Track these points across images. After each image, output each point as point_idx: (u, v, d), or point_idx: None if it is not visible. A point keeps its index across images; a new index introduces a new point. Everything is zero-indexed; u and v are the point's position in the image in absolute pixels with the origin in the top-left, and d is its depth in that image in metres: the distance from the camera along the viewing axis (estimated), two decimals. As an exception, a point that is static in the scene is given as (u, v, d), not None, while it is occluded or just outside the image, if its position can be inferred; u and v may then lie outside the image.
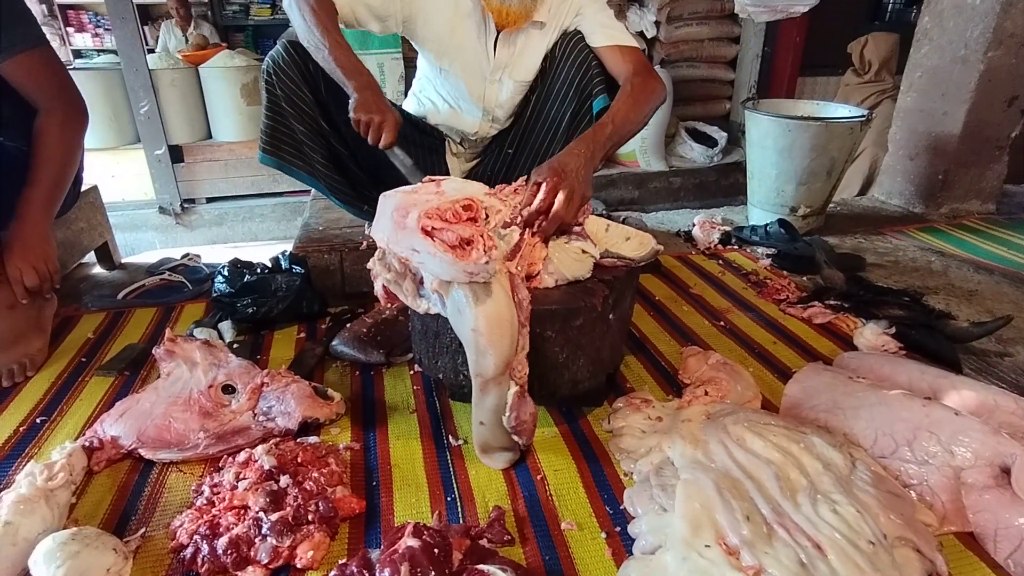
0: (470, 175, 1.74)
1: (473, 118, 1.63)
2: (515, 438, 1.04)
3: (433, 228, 0.94)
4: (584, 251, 1.12)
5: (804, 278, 1.86)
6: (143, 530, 0.93)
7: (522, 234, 1.07)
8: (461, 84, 1.57)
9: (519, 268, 1.04)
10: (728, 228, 2.21)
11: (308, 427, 1.16)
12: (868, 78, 3.57)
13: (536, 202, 1.10)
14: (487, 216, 0.93)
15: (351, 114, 1.30)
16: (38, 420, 1.19)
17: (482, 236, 0.94)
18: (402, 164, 1.34)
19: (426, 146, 1.68)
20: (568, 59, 1.48)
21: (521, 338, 0.98)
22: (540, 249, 1.10)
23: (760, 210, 2.33)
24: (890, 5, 5.24)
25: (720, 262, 1.99)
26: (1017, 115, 2.36)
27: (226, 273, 1.60)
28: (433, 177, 1.12)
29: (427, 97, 1.67)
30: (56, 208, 1.44)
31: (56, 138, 1.39)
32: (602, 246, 1.17)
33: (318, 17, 1.33)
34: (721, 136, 3.89)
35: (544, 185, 1.11)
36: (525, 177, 1.19)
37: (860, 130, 2.12)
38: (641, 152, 3.71)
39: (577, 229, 1.15)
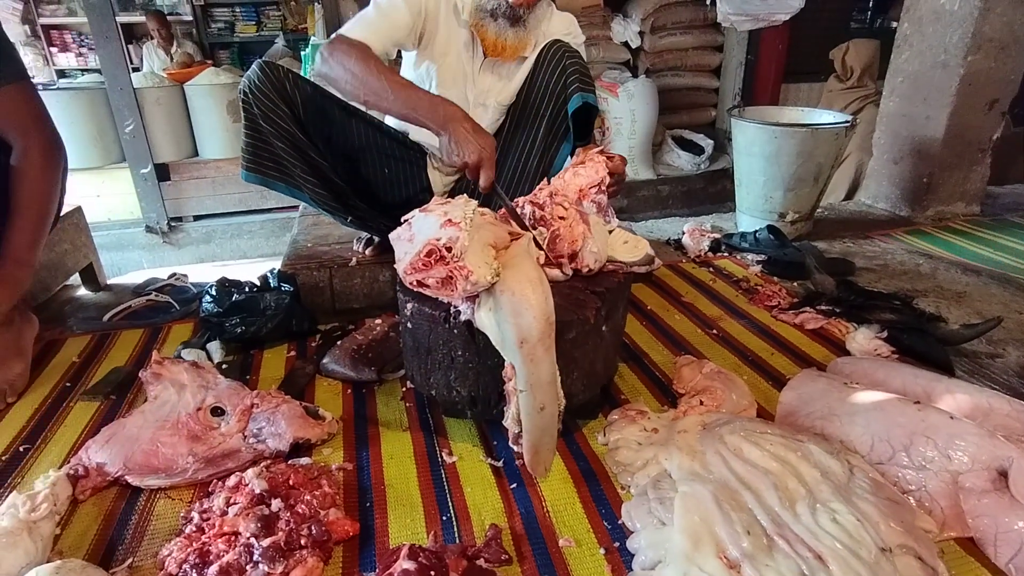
0: (454, 190, 1.74)
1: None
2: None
3: (418, 281, 0.99)
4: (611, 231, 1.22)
5: (795, 284, 1.87)
6: (130, 560, 0.91)
7: (553, 223, 1.12)
8: None
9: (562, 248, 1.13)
10: (718, 235, 2.22)
11: (300, 448, 1.14)
12: (851, 84, 3.62)
13: (624, 167, 1.33)
14: (450, 249, 0.94)
15: (445, 159, 1.29)
16: (20, 448, 1.16)
17: (453, 270, 0.95)
18: (504, 203, 1.26)
19: (407, 159, 1.67)
20: (546, 70, 1.49)
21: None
22: (579, 225, 1.13)
23: (749, 217, 2.34)
24: (869, 12, 5.33)
25: (711, 270, 1.99)
26: (998, 118, 2.39)
27: (214, 292, 1.58)
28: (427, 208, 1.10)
29: None
30: (42, 245, 1.43)
31: (38, 178, 1.38)
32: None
33: (364, 64, 1.30)
34: (707, 143, 3.92)
35: (617, 158, 1.32)
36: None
37: (845, 135, 2.13)
38: (629, 160, 3.73)
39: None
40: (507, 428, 1.04)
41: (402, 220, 1.07)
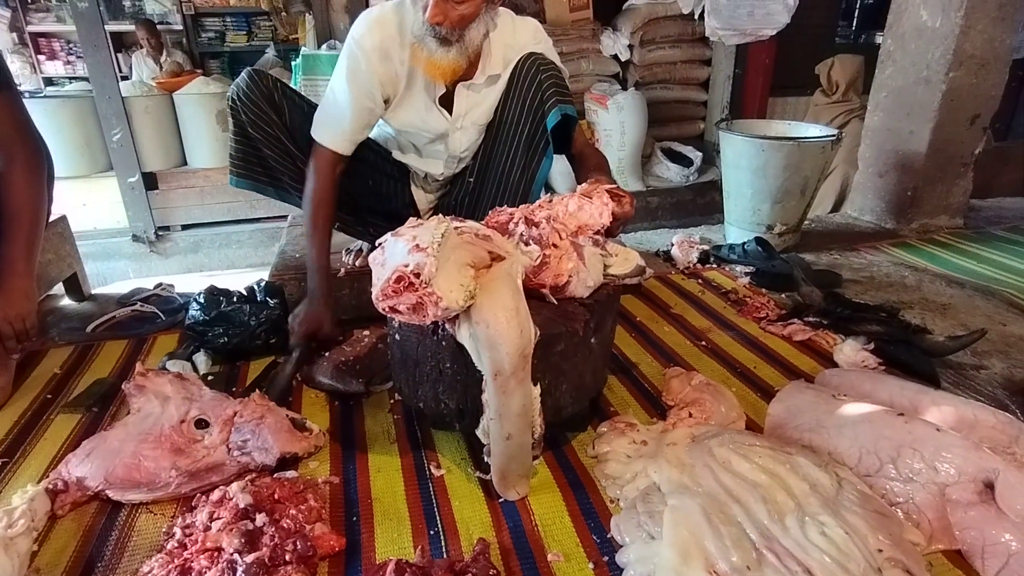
0: (437, 206, 1.74)
1: (437, 160, 1.62)
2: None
3: (390, 307, 0.97)
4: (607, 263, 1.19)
5: (783, 295, 1.88)
6: (109, 578, 0.89)
7: (546, 249, 1.10)
8: (421, 137, 1.57)
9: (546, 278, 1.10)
10: (706, 247, 2.23)
11: (286, 461, 1.12)
12: (836, 98, 3.67)
13: (628, 208, 1.26)
14: (418, 275, 0.93)
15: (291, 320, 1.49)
16: (-1, 462, 1.14)
17: (423, 297, 0.93)
18: (283, 369, 1.42)
19: (391, 175, 1.67)
20: (521, 85, 1.47)
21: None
22: (567, 261, 1.11)
23: (737, 228, 2.35)
24: (854, 28, 5.43)
25: (699, 281, 2.00)
26: (980, 132, 2.43)
27: (201, 300, 1.56)
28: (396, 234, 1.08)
29: (390, 136, 1.64)
30: (36, 256, 1.43)
31: (24, 188, 1.37)
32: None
33: (309, 205, 1.47)
34: (696, 156, 3.95)
35: (626, 199, 1.26)
36: (548, 197, 1.27)
37: (831, 149, 2.16)
38: (618, 172, 3.75)
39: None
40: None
41: (376, 244, 1.06)
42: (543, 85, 1.43)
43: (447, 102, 1.50)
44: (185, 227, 4.02)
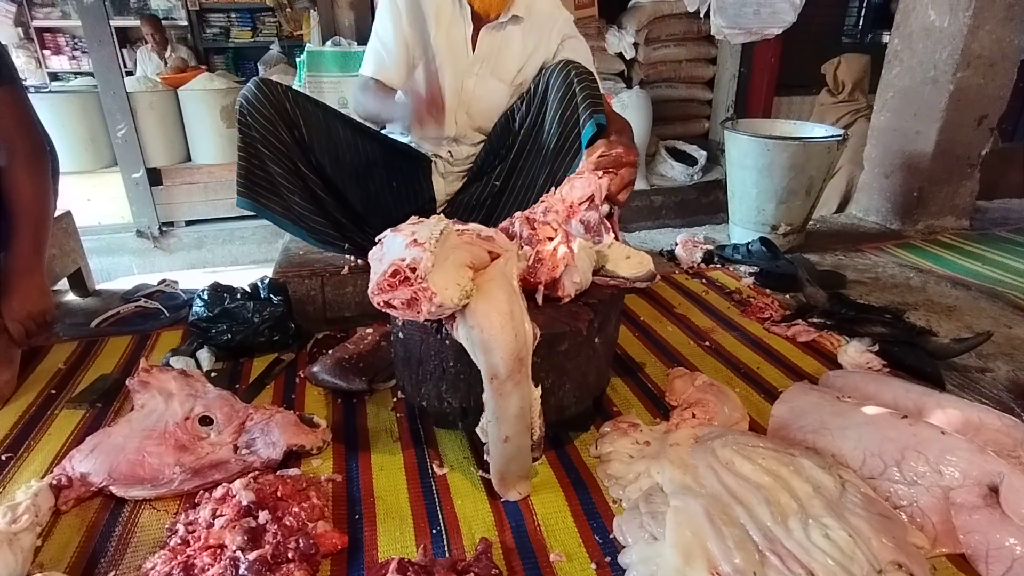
0: (456, 200, 1.73)
1: (450, 112, 1.62)
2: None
3: (385, 302, 0.97)
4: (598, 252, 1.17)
5: (787, 296, 1.87)
6: (113, 574, 0.89)
7: (538, 246, 1.10)
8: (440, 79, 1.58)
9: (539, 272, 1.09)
10: (710, 247, 2.22)
11: (289, 459, 1.12)
12: (842, 98, 3.66)
13: (615, 153, 1.23)
14: (414, 269, 0.93)
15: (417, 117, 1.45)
16: (3, 457, 1.14)
17: (417, 292, 0.93)
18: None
19: (413, 170, 1.67)
20: (554, 90, 1.47)
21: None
22: (559, 253, 1.10)
23: (741, 228, 2.35)
24: (860, 27, 5.41)
25: (703, 281, 2.00)
26: (987, 133, 2.42)
27: (205, 297, 1.57)
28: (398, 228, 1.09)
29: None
30: (45, 251, 1.44)
31: (29, 184, 1.38)
32: (601, 262, 1.18)
33: (369, 97, 1.54)
34: (701, 155, 3.95)
35: (618, 164, 1.23)
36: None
37: (837, 149, 2.15)
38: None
39: (616, 211, 1.26)
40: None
41: (376, 240, 1.06)
42: (577, 95, 1.43)
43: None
44: (189, 223, 4.02)
